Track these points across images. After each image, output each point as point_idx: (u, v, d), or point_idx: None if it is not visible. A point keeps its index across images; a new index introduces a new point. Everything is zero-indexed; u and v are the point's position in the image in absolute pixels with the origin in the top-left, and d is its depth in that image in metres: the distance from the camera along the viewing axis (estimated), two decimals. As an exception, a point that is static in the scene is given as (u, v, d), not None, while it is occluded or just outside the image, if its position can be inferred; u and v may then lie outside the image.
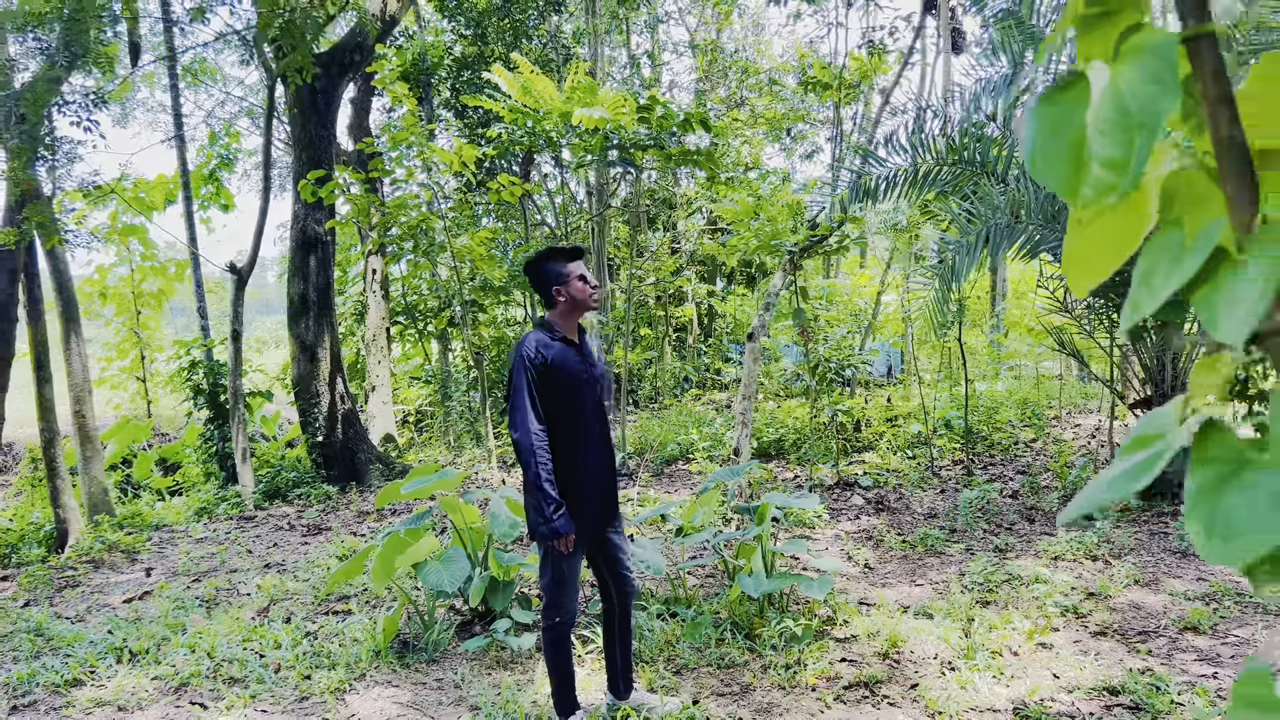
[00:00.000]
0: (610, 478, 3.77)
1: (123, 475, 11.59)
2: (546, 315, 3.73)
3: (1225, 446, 0.62)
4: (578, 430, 3.62)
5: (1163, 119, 0.62)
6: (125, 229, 14.17)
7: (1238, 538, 0.58)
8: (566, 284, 3.67)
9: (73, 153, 7.78)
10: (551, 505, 3.44)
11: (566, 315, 3.70)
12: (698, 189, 16.65)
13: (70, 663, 4.91)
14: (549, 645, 3.69)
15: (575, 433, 3.61)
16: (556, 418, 3.56)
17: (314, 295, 10.56)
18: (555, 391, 3.55)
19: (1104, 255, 0.75)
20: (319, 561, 7.00)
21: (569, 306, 3.69)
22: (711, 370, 17.27)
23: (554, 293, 3.67)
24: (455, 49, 14.11)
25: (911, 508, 7.85)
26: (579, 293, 3.67)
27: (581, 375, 3.65)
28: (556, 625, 3.65)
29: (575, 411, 3.61)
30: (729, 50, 19.32)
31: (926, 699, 4.03)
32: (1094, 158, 0.64)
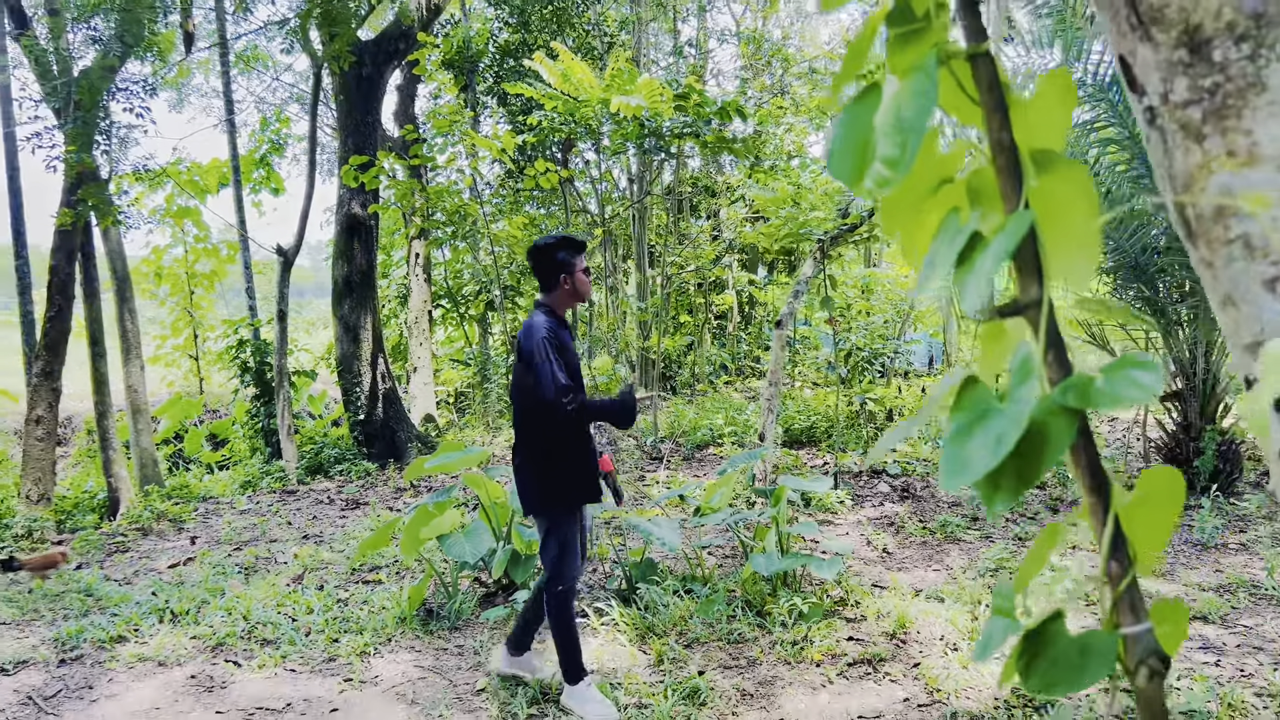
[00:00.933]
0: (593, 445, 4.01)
1: (174, 450, 12.01)
2: (546, 300, 3.91)
3: (977, 399, 0.75)
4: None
5: (925, 124, 0.74)
6: (180, 211, 14.58)
7: (967, 471, 0.71)
8: (573, 274, 3.86)
9: (127, 137, 8.10)
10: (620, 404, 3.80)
11: (564, 302, 3.90)
12: (740, 176, 16.70)
13: (116, 621, 5.19)
14: (557, 613, 3.86)
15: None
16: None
17: (357, 278, 10.84)
18: (564, 369, 3.73)
19: (929, 233, 0.88)
20: (355, 534, 7.25)
21: (569, 295, 3.88)
22: (749, 358, 17.34)
23: (560, 280, 3.85)
24: (500, 36, 14.30)
25: (936, 496, 7.90)
26: (581, 285, 3.88)
27: (578, 356, 3.86)
28: (561, 592, 3.83)
29: (578, 389, 3.79)
30: (775, 37, 19.29)
31: (927, 677, 4.14)
32: (877, 155, 0.77)
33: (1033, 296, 0.77)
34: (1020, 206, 0.77)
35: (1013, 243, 0.72)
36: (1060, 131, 0.83)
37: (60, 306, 8.24)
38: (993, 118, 0.78)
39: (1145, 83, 0.79)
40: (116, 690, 4.37)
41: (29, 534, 7.59)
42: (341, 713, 4.08)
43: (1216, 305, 0.78)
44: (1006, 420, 0.71)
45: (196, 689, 4.35)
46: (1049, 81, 0.83)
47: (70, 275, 8.40)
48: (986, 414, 0.73)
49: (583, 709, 3.86)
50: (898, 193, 0.84)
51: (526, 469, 3.81)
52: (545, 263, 3.86)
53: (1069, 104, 0.83)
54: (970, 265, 0.76)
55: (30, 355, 8.55)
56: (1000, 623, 0.76)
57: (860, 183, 0.77)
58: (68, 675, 4.58)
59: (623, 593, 5.30)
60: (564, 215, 12.77)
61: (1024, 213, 0.73)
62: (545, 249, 3.86)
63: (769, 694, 4.06)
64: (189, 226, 15.06)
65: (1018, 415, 0.70)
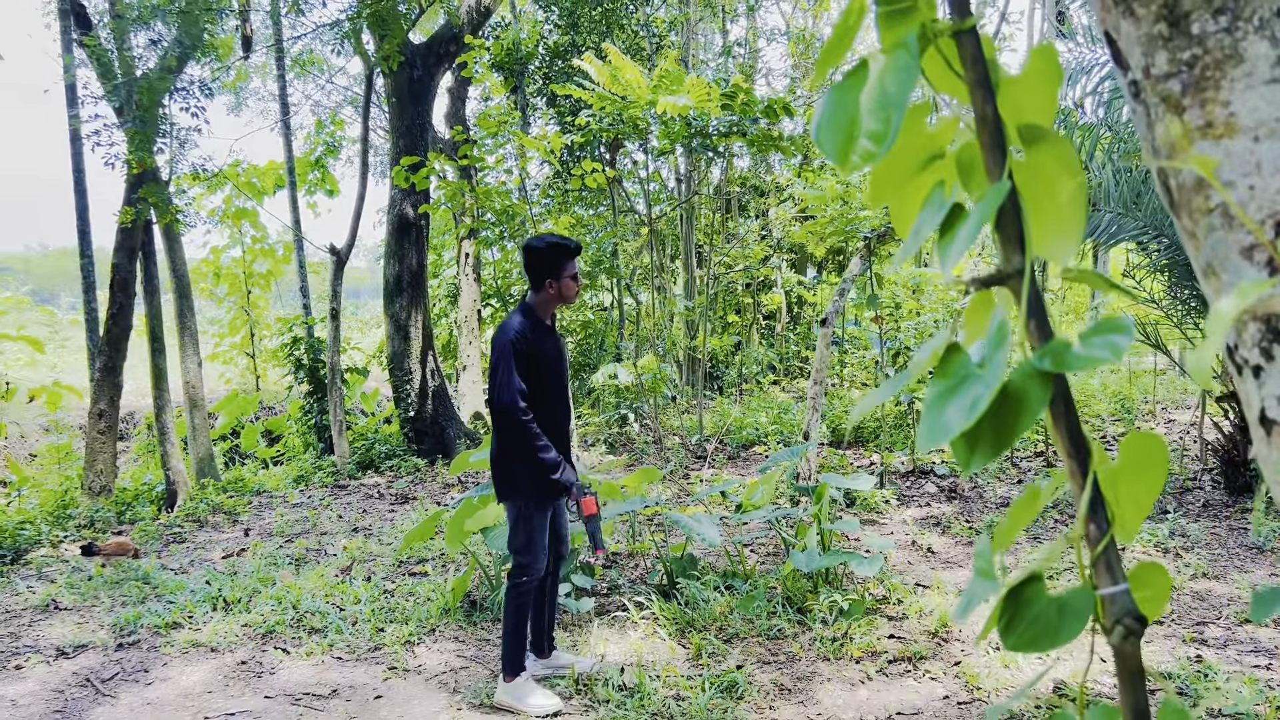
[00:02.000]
0: (568, 445, 4.07)
1: (231, 445, 12.31)
2: (531, 299, 3.98)
3: (958, 366, 0.77)
4: (548, 404, 3.91)
5: (907, 98, 0.77)
6: (238, 212, 14.91)
7: (943, 432, 0.73)
8: (560, 278, 3.93)
9: (186, 138, 8.34)
10: (554, 463, 3.78)
11: (548, 304, 3.98)
12: (789, 176, 16.64)
13: (172, 608, 5.35)
14: (516, 606, 3.91)
15: (546, 406, 3.91)
16: (532, 394, 3.83)
17: (408, 277, 11.02)
18: (533, 371, 3.83)
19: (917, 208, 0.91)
20: (403, 528, 7.38)
21: (554, 297, 3.96)
22: (797, 359, 17.26)
23: (546, 283, 3.93)
24: (550, 38, 14.42)
25: (985, 496, 7.81)
26: (568, 289, 3.96)
27: (552, 356, 3.94)
28: (523, 584, 3.91)
29: (546, 388, 3.90)
30: (826, 36, 19.19)
31: (967, 675, 4.11)
32: (862, 131, 0.79)
33: (1015, 266, 0.79)
34: (1003, 179, 0.79)
35: (989, 211, 0.74)
36: (1048, 107, 0.85)
37: (122, 304, 8.49)
38: (976, 92, 0.80)
39: (1129, 57, 0.81)
40: (170, 674, 4.51)
41: (91, 524, 7.84)
42: (385, 699, 4.16)
43: (1200, 274, 0.80)
44: (981, 384, 0.73)
45: (246, 674, 4.47)
46: (1036, 58, 0.85)
47: (131, 273, 8.66)
48: (965, 379, 0.75)
49: (523, 703, 3.89)
50: (886, 167, 0.87)
51: (498, 459, 3.89)
52: (534, 263, 3.93)
53: (1055, 80, 0.85)
54: (951, 234, 0.78)
55: (94, 351, 8.83)
56: (981, 583, 0.78)
57: (847, 157, 0.79)
58: (124, 659, 4.74)
59: (663, 587, 5.34)
60: (611, 215, 12.83)
61: (1002, 183, 0.75)
62: (535, 250, 3.92)
63: (807, 689, 4.07)
64: (246, 227, 15.40)
65: (992, 378, 0.72)
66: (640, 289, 16.77)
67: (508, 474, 3.88)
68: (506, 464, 3.87)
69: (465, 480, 9.45)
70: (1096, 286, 0.79)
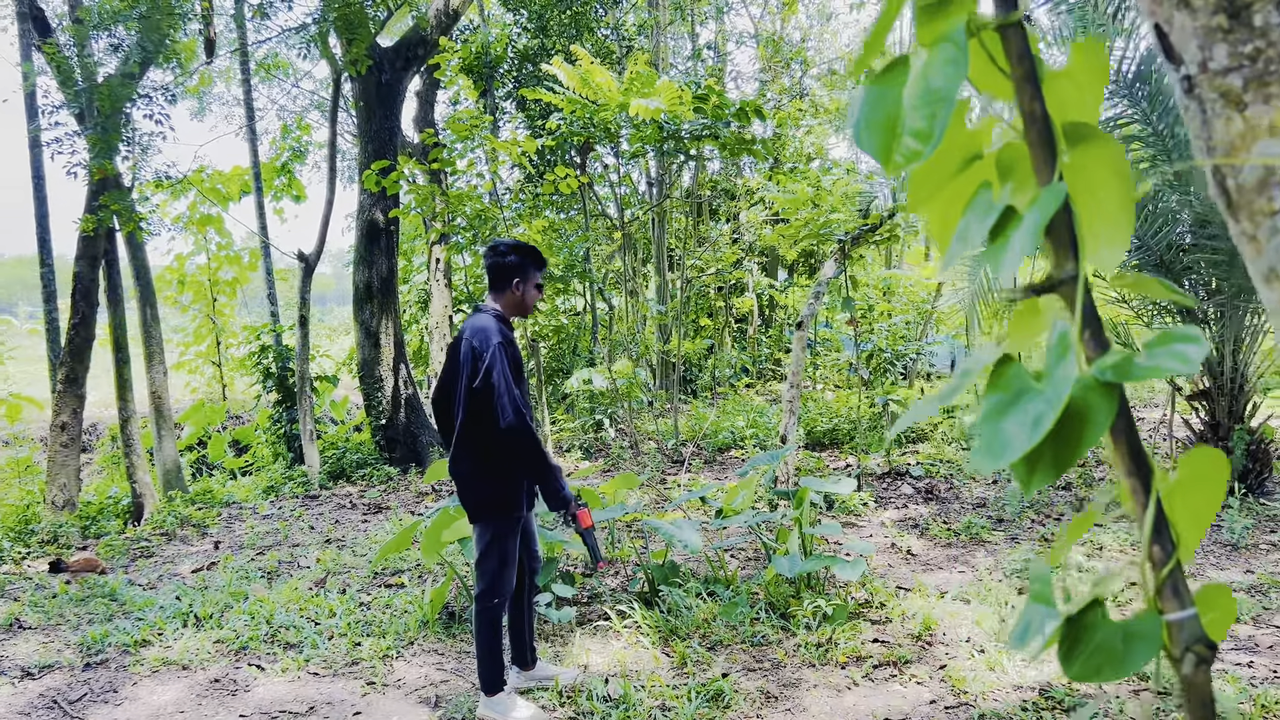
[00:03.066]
0: None
1: (198, 456, 12.09)
2: (494, 301, 3.86)
3: (1012, 378, 0.72)
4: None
5: (955, 95, 0.72)
6: (203, 219, 14.70)
7: (1004, 452, 0.68)
8: (526, 284, 3.86)
9: (148, 144, 8.17)
10: (562, 476, 3.69)
11: (514, 310, 3.89)
12: (759, 179, 16.67)
13: (141, 625, 5.22)
14: (487, 625, 3.80)
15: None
16: None
17: (378, 283, 10.88)
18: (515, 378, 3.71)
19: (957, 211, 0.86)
20: (377, 538, 7.27)
21: (517, 304, 3.87)
22: (770, 361, 17.28)
23: (513, 284, 3.84)
24: (518, 42, 14.33)
25: (961, 497, 7.83)
26: (531, 298, 3.89)
27: (521, 362, 3.83)
28: (494, 606, 3.80)
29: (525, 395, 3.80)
30: (794, 40, 19.25)
31: (953, 679, 4.09)
32: (906, 130, 0.75)
33: (1068, 272, 0.74)
34: (1054, 180, 0.75)
35: (1047, 215, 0.70)
36: (1093, 104, 0.81)
37: (84, 313, 8.31)
38: (1024, 89, 0.76)
39: (1182, 51, 0.77)
40: (140, 694, 4.39)
41: (55, 539, 7.65)
42: (364, 715, 4.07)
43: (1260, 280, 0.76)
44: (1043, 400, 0.68)
45: (220, 692, 4.36)
46: (1080, 52, 0.81)
47: (94, 282, 8.47)
48: (1022, 393, 0.71)
49: (508, 717, 3.81)
50: (925, 169, 0.82)
51: (471, 477, 3.72)
52: (502, 263, 3.83)
53: (1102, 76, 0.81)
54: (1004, 240, 0.73)
55: (55, 362, 8.63)
56: (1039, 609, 0.74)
57: (890, 157, 0.75)
58: (92, 679, 4.61)
59: (645, 595, 5.28)
60: (583, 219, 12.78)
61: (1057, 185, 0.71)
62: (506, 249, 3.84)
63: (793, 696, 4.03)
64: (211, 234, 15.18)
65: (1056, 394, 0.67)
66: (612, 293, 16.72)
67: (483, 493, 3.72)
68: (482, 483, 3.71)
69: (439, 489, 9.35)
70: (1154, 294, 0.75)
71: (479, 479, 3.72)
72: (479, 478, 3.72)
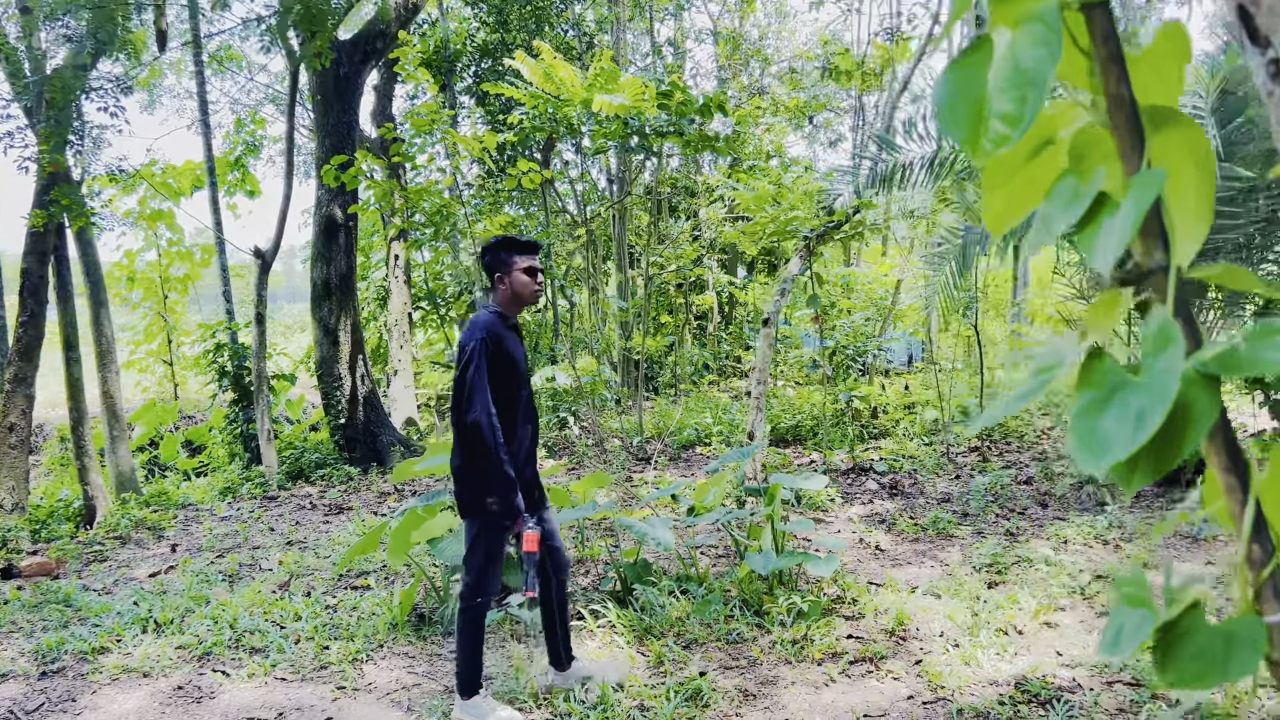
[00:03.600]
0: (534, 457, 3.96)
1: (150, 457, 11.81)
2: (491, 303, 3.85)
3: (1105, 373, 0.69)
4: (515, 413, 3.77)
5: (1049, 77, 0.69)
6: (153, 214, 14.36)
7: (1106, 451, 0.65)
8: (509, 273, 3.79)
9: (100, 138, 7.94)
10: (514, 490, 3.59)
11: (510, 304, 3.84)
12: (719, 176, 16.68)
13: (98, 632, 5.06)
14: (470, 625, 3.74)
15: (514, 415, 3.76)
16: (500, 400, 3.67)
17: (336, 280, 10.71)
18: (502, 376, 3.68)
19: (1023, 200, 0.83)
20: (340, 540, 7.14)
21: (510, 296, 3.82)
22: (731, 358, 17.32)
23: (498, 279, 3.80)
24: (478, 36, 14.20)
25: (925, 492, 7.89)
26: (519, 284, 3.80)
27: (519, 357, 3.81)
28: (478, 605, 3.73)
29: (515, 396, 3.76)
30: (752, 38, 19.29)
31: (929, 673, 4.10)
32: (992, 113, 0.71)
33: (1158, 262, 0.71)
34: (1143, 166, 0.72)
35: (1146, 202, 0.67)
36: (1175, 87, 0.78)
37: (33, 311, 8.06)
38: (1110, 71, 0.73)
39: (1269, 33, 0.74)
40: (101, 703, 4.26)
41: (3, 544, 7.41)
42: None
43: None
44: (1147, 394, 0.65)
45: (184, 699, 4.24)
46: (1163, 35, 0.78)
47: (43, 279, 8.22)
48: (1119, 388, 0.68)
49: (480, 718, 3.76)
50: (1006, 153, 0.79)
51: (462, 472, 3.70)
52: (485, 264, 3.85)
53: (1183, 57, 0.78)
54: (1096, 226, 0.70)
55: (2, 361, 8.37)
56: (1131, 613, 0.71)
57: (977, 142, 0.71)
58: (49, 688, 4.46)
59: (617, 594, 5.24)
60: (544, 216, 12.68)
61: (1156, 171, 0.68)
62: (484, 250, 3.84)
63: (772, 694, 4.01)
64: (163, 230, 14.84)
65: (1162, 388, 0.64)
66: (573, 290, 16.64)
67: (473, 489, 3.68)
68: (472, 479, 3.68)
69: (402, 489, 9.22)
70: (1246, 286, 0.72)
71: (467, 475, 3.68)
72: (467, 474, 3.68)
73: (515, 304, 3.85)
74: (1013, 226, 0.84)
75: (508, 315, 3.84)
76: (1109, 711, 3.70)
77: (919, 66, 13.39)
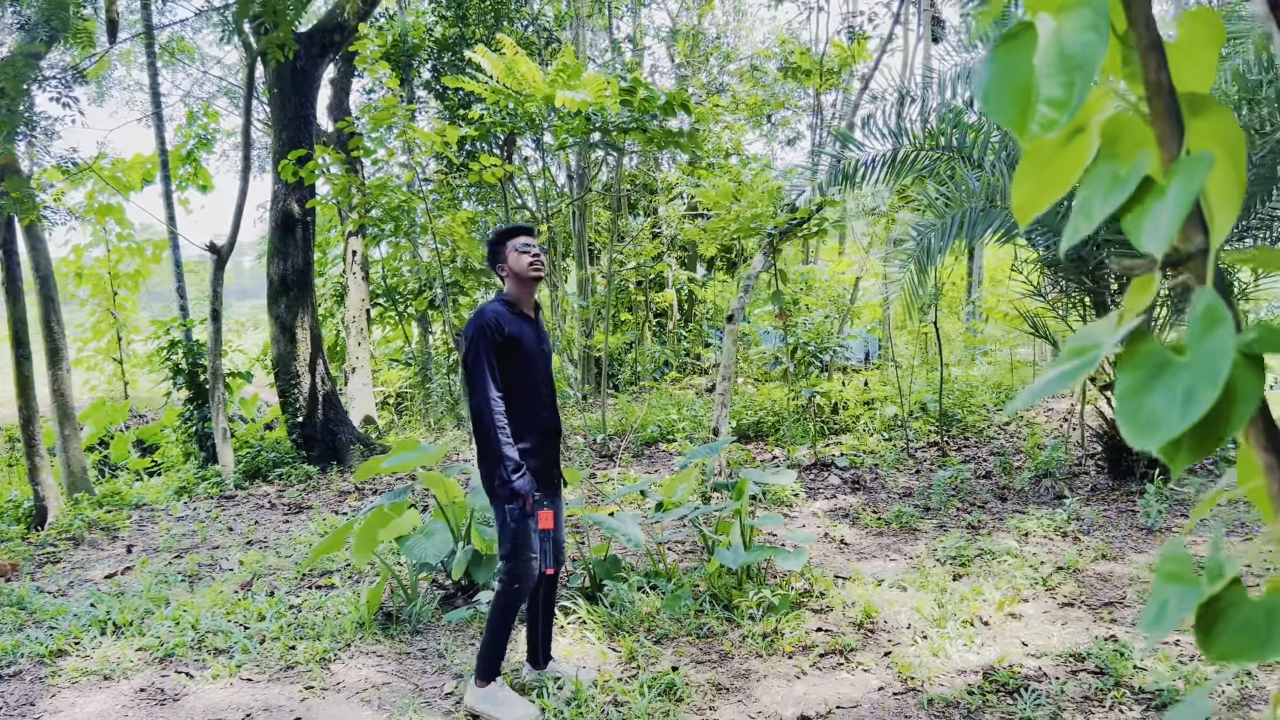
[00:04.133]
0: (556, 445, 3.95)
1: (100, 456, 11.55)
2: (505, 293, 3.89)
3: (1149, 353, 0.70)
4: (530, 400, 3.78)
5: (1098, 62, 0.70)
6: (102, 208, 14.03)
7: (1155, 430, 0.66)
8: (505, 260, 3.84)
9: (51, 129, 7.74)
10: (511, 466, 3.58)
11: (518, 290, 3.86)
12: (679, 174, 16.71)
13: (55, 634, 4.94)
14: (504, 611, 3.76)
15: (528, 402, 3.77)
16: (512, 388, 3.70)
17: (294, 276, 10.56)
18: (512, 362, 3.70)
19: (1050, 188, 0.84)
20: (301, 539, 7.04)
21: (515, 281, 3.85)
22: (691, 355, 17.37)
23: (499, 269, 3.87)
24: (436, 30, 14.08)
25: (887, 487, 7.98)
26: (516, 265, 3.83)
27: (536, 348, 3.82)
28: (516, 591, 3.74)
29: (528, 382, 3.77)
30: (711, 35, 19.35)
31: (899, 665, 4.15)
32: (1039, 97, 0.72)
33: (1198, 245, 0.73)
34: (1182, 152, 0.73)
35: (1196, 186, 0.68)
36: (1208, 73, 0.80)
37: (-20, 307, 7.84)
38: (1149, 57, 0.74)
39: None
40: (61, 706, 4.16)
41: (-50, 546, 7.21)
42: (305, 721, 3.93)
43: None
44: (1194, 373, 0.66)
45: (148, 702, 4.16)
46: (1195, 20, 0.79)
47: (-9, 274, 8.01)
48: (1163, 368, 0.69)
49: (500, 711, 3.75)
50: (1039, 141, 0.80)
51: (483, 459, 3.71)
52: (489, 258, 3.92)
53: (1217, 43, 0.79)
54: (1143, 208, 0.71)
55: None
56: (1177, 589, 0.72)
57: (1026, 125, 0.72)
58: (7, 692, 4.34)
59: (587, 591, 5.23)
60: (504, 213, 12.60)
61: (1205, 154, 0.69)
62: (487, 244, 3.91)
63: (744, 687, 4.03)
64: (111, 224, 14.52)
65: (1212, 367, 0.65)
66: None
67: (489, 474, 3.69)
68: (486, 463, 3.69)
69: (363, 488, 9.12)
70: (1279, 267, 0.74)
71: (482, 460, 3.70)
72: (481, 459, 3.70)
73: (521, 287, 3.86)
74: (1038, 214, 0.85)
75: (516, 302, 3.85)
76: (1075, 700, 3.77)
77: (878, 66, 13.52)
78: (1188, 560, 0.73)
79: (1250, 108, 6.23)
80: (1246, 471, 0.76)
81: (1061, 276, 7.84)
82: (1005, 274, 14.21)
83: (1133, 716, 3.61)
